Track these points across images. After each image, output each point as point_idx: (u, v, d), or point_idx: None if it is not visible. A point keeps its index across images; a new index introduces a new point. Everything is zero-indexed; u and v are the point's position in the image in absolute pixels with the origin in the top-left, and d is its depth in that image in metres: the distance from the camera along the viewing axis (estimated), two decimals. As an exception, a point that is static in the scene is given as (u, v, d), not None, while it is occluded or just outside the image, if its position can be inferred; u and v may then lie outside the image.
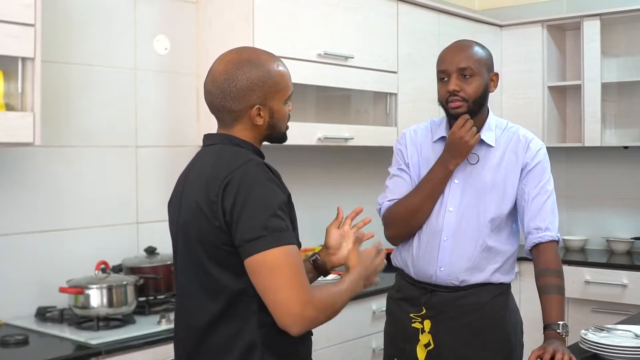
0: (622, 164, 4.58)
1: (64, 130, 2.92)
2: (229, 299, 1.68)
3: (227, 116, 1.78)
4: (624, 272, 4.02)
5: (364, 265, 1.85)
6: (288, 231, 1.64)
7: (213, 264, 1.69)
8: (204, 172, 1.73)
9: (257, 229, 1.60)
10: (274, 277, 1.59)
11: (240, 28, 3.17)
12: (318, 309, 1.62)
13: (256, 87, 1.75)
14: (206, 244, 1.69)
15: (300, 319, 1.60)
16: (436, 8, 4.21)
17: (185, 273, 1.79)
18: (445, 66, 2.33)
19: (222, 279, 1.68)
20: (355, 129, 3.68)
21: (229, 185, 1.64)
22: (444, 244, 2.36)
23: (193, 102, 3.38)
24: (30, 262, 2.81)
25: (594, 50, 4.37)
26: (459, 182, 2.37)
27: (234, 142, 1.78)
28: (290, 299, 1.59)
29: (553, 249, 2.31)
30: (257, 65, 1.76)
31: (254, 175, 1.65)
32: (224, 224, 1.65)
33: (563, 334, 2.14)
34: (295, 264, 1.62)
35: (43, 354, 2.31)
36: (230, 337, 1.69)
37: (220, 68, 1.78)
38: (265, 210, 1.62)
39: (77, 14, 2.96)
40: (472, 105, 2.31)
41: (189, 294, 1.77)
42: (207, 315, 1.71)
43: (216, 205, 1.65)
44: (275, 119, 1.80)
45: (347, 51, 3.57)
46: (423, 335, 2.39)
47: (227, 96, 1.75)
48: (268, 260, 1.60)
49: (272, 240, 1.60)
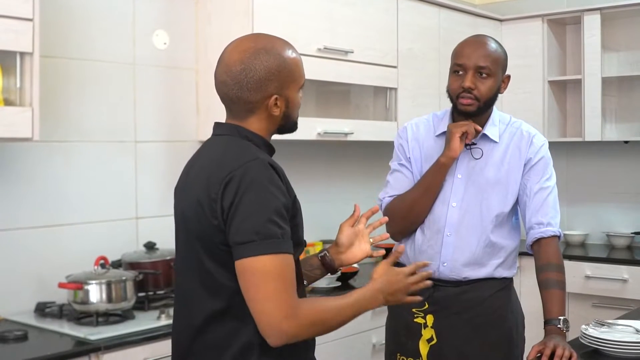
0: (623, 159, 4.57)
1: (63, 125, 2.91)
2: (227, 298, 1.64)
3: (242, 107, 1.71)
4: (625, 267, 4.01)
5: (388, 280, 1.75)
6: (281, 239, 1.57)
7: (212, 262, 1.64)
8: (207, 168, 1.68)
9: (248, 233, 1.55)
10: (258, 286, 1.54)
11: (240, 22, 3.16)
12: (300, 326, 1.56)
13: (274, 77, 1.68)
14: (205, 241, 1.65)
15: (279, 332, 1.55)
16: (436, 2, 4.19)
17: (185, 268, 1.75)
18: (464, 60, 2.30)
19: (221, 277, 1.64)
20: (355, 124, 3.67)
21: (230, 184, 1.59)
22: (447, 239, 2.35)
23: (192, 97, 3.37)
24: (29, 257, 2.80)
25: (594, 45, 4.36)
26: (462, 178, 2.37)
27: (242, 135, 1.71)
28: (272, 312, 1.54)
29: (555, 244, 2.31)
30: (273, 54, 1.69)
31: (255, 176, 1.59)
32: (222, 222, 1.60)
33: (564, 329, 2.14)
34: (283, 274, 1.56)
35: (42, 349, 2.31)
36: (225, 336, 1.65)
37: (235, 57, 1.69)
38: (260, 215, 1.56)
39: (76, 9, 2.95)
40: (482, 105, 2.31)
41: (188, 289, 1.73)
42: (205, 312, 1.67)
43: (216, 203, 1.60)
44: (290, 109, 1.74)
45: (347, 46, 3.56)
46: (425, 330, 2.38)
47: (244, 87, 1.68)
48: (255, 267, 1.55)
49: (262, 247, 1.55)
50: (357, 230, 1.96)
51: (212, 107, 3.31)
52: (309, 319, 1.58)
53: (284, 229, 1.59)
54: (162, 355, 2.48)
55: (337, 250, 1.95)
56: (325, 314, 1.62)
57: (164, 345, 2.50)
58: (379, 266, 1.79)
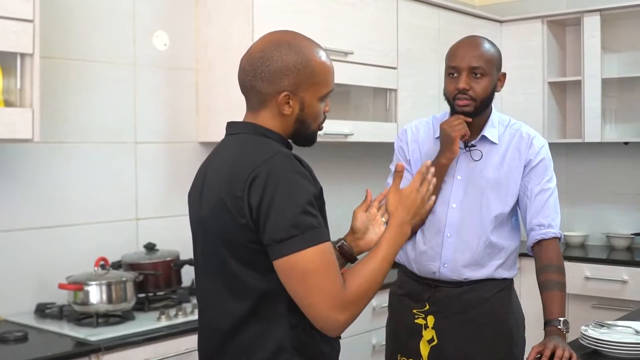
0: (623, 160, 4.57)
1: (63, 126, 2.91)
2: (254, 299, 1.59)
3: (255, 98, 1.66)
4: (624, 268, 4.01)
5: (405, 207, 1.71)
6: (320, 227, 1.54)
7: (237, 263, 1.59)
8: (227, 165, 1.61)
9: (287, 228, 1.50)
10: (306, 281, 1.51)
11: (240, 23, 3.16)
12: (352, 308, 1.54)
13: (290, 72, 1.62)
14: (229, 242, 1.59)
15: (335, 323, 1.53)
16: (436, 3, 4.20)
17: (207, 271, 1.69)
18: (457, 62, 2.30)
19: (247, 279, 1.59)
20: (355, 125, 3.67)
21: (256, 181, 1.53)
22: (447, 240, 2.36)
23: (192, 98, 3.37)
24: (29, 258, 2.80)
25: (594, 46, 4.36)
26: (461, 179, 2.37)
27: (258, 132, 1.66)
28: (323, 305, 1.51)
29: (555, 246, 2.31)
30: (296, 50, 1.64)
31: (281, 169, 1.54)
32: (250, 221, 1.54)
33: (564, 330, 2.14)
34: (329, 263, 1.53)
35: (42, 350, 2.31)
36: (254, 339, 1.60)
37: (259, 46, 1.66)
38: (295, 207, 1.51)
39: (76, 10, 2.95)
40: (479, 105, 2.31)
41: (211, 293, 1.68)
42: (231, 315, 1.62)
43: (242, 201, 1.54)
44: (305, 113, 1.67)
45: (347, 47, 3.56)
46: (426, 331, 2.38)
47: (258, 75, 1.63)
48: (300, 263, 1.50)
49: (305, 239, 1.51)
50: (371, 215, 1.90)
51: (212, 107, 3.31)
52: (356, 297, 1.56)
53: (318, 217, 1.55)
54: (162, 356, 2.49)
55: (354, 237, 1.88)
56: (368, 284, 1.59)
57: (164, 346, 2.50)
58: (389, 197, 1.74)
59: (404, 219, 1.71)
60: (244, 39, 3.13)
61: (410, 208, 1.72)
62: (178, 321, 2.64)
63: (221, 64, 3.27)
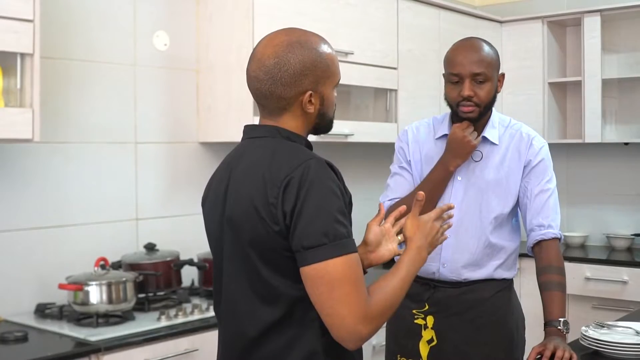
0: (623, 161, 4.57)
1: (63, 126, 2.91)
2: (286, 306, 1.57)
3: (275, 104, 1.63)
4: (624, 268, 4.02)
5: (423, 233, 1.73)
6: (349, 238, 1.52)
7: (269, 270, 1.57)
8: (259, 170, 1.58)
9: (317, 236, 1.49)
10: (332, 290, 1.49)
11: (241, 23, 3.16)
12: (374, 323, 1.53)
13: (309, 71, 1.61)
14: (261, 249, 1.56)
15: (357, 335, 1.52)
16: (436, 4, 4.20)
17: (234, 277, 1.64)
18: (458, 69, 2.27)
19: (279, 286, 1.56)
20: (355, 125, 3.67)
21: (289, 186, 1.51)
22: (446, 241, 2.35)
23: (193, 98, 3.37)
24: (30, 258, 2.80)
25: (594, 46, 4.36)
26: (461, 180, 2.37)
27: (284, 135, 1.63)
28: (347, 316, 1.49)
29: (555, 247, 2.31)
30: (308, 47, 1.62)
31: (315, 176, 1.52)
32: (284, 227, 1.52)
33: (564, 331, 2.14)
34: (356, 275, 1.51)
35: (42, 350, 2.31)
36: (285, 346, 1.58)
37: (269, 51, 1.61)
38: (326, 215, 1.50)
39: (77, 10, 2.96)
40: (483, 110, 2.30)
41: (238, 299, 1.64)
42: (261, 322, 1.59)
43: (275, 208, 1.52)
44: (325, 106, 1.67)
45: (347, 47, 3.56)
46: (426, 332, 2.38)
47: (278, 82, 1.60)
48: (328, 272, 1.49)
49: (334, 249, 1.49)
50: (385, 230, 1.86)
51: (212, 107, 3.31)
52: (379, 311, 1.55)
53: (348, 228, 1.54)
54: (162, 356, 2.49)
55: (365, 250, 1.82)
56: (390, 301, 1.59)
57: (164, 346, 2.50)
58: (408, 223, 1.75)
59: (422, 243, 1.73)
60: (245, 39, 3.13)
61: (428, 236, 1.75)
62: (178, 321, 2.65)
63: (222, 64, 3.27)
